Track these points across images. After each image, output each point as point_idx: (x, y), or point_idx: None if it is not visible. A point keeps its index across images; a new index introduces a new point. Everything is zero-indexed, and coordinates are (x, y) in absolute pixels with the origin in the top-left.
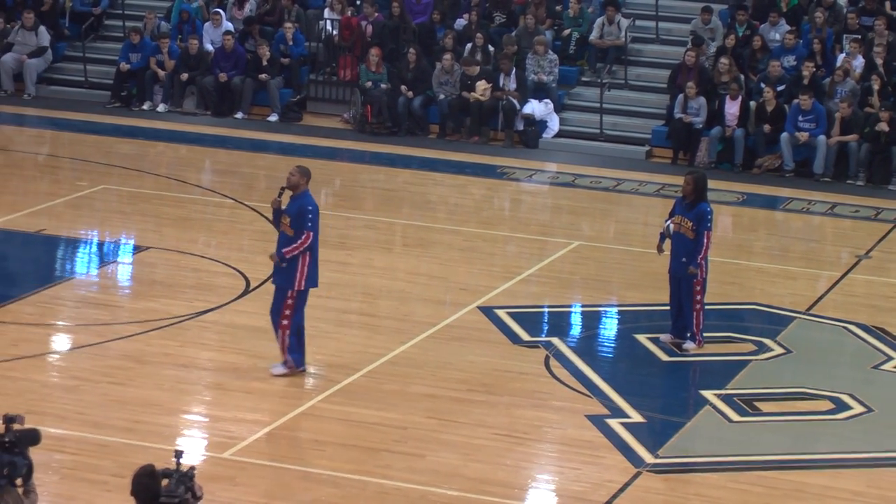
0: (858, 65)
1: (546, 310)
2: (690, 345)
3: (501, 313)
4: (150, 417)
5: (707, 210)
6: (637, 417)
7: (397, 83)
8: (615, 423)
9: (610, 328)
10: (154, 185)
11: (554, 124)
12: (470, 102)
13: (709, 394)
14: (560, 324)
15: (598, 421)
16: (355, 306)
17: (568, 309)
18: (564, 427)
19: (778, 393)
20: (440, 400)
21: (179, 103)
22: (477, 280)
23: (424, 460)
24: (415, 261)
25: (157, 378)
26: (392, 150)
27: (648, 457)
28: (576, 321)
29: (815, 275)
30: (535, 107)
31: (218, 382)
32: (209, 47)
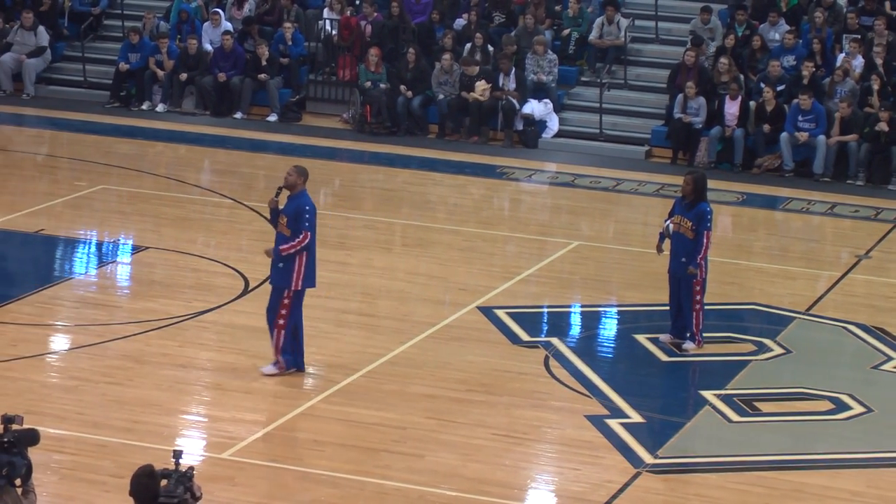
0: (858, 65)
1: (545, 310)
2: (690, 345)
3: (501, 313)
4: (149, 418)
5: (707, 210)
6: (636, 418)
7: (396, 83)
8: (615, 424)
9: (609, 328)
10: (153, 186)
11: (553, 124)
12: (469, 102)
13: (708, 394)
14: (559, 324)
15: (598, 421)
16: (354, 306)
17: (567, 309)
18: (564, 427)
19: (777, 393)
20: (439, 400)
21: (178, 103)
22: (476, 280)
23: (423, 460)
24: (414, 261)
25: (156, 378)
26: (391, 150)
27: (648, 457)
28: (575, 321)
29: (815, 275)
30: (535, 107)
31: (217, 383)
32: (208, 47)
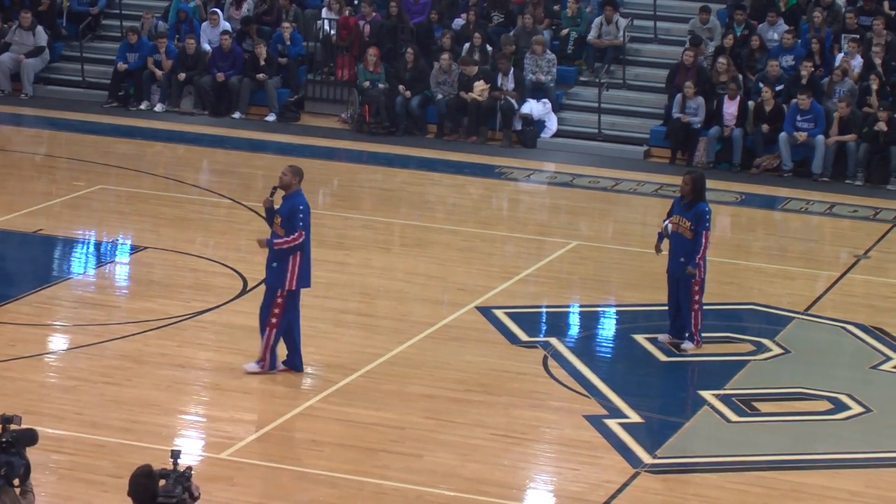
0: (857, 64)
1: (544, 310)
2: (689, 345)
3: (499, 313)
4: (148, 418)
5: (705, 210)
6: (635, 418)
7: (395, 83)
8: (613, 424)
9: (608, 328)
10: (151, 185)
11: (552, 124)
12: (468, 102)
13: (707, 394)
14: (558, 324)
15: (596, 421)
16: (353, 306)
17: (566, 309)
18: (562, 427)
19: (776, 393)
20: (438, 400)
21: (177, 103)
22: (475, 280)
23: (422, 460)
24: (413, 261)
25: (155, 378)
26: (390, 150)
27: (647, 457)
28: (574, 321)
29: (814, 275)
30: (534, 106)
31: (215, 383)
32: (206, 47)
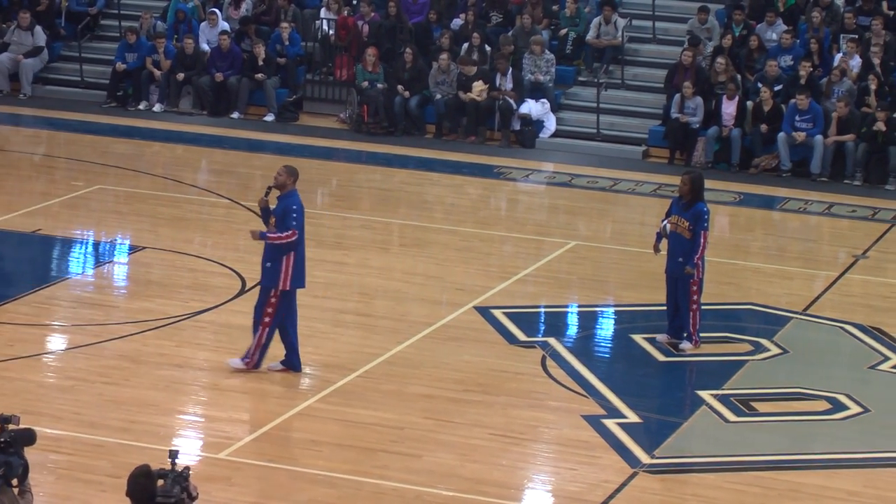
0: (855, 64)
1: (542, 310)
2: (687, 345)
3: (498, 313)
4: (146, 417)
5: (704, 210)
6: (633, 417)
7: (394, 83)
8: (611, 424)
9: (606, 328)
10: (150, 185)
11: (550, 124)
12: (466, 102)
13: (705, 394)
14: (556, 324)
15: (595, 421)
16: (352, 306)
17: (564, 309)
18: (561, 427)
19: (774, 393)
20: (436, 400)
21: (175, 103)
22: (473, 280)
23: (421, 460)
24: (411, 261)
25: (153, 378)
26: (389, 150)
27: (645, 457)
28: (572, 321)
29: (812, 275)
30: (532, 107)
31: (214, 383)
32: (205, 47)
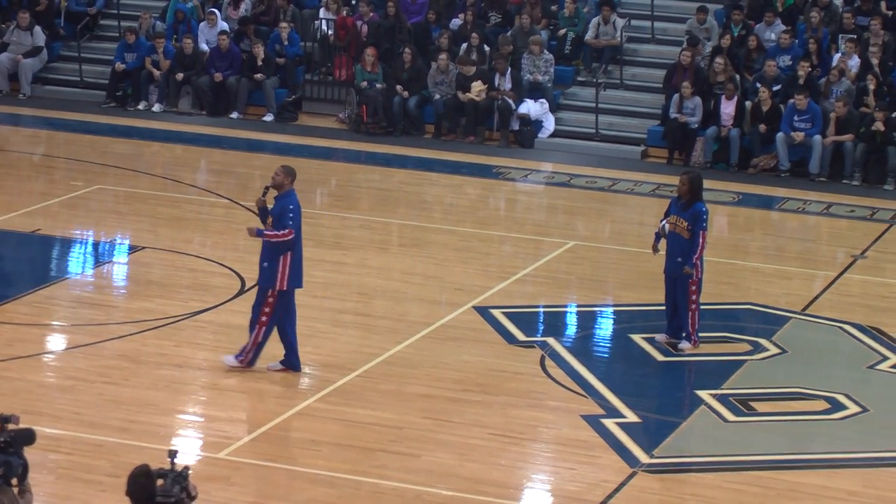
0: (854, 65)
1: (541, 310)
2: (686, 345)
3: (497, 313)
4: (146, 417)
5: (703, 210)
6: (632, 417)
7: (393, 83)
8: (610, 423)
9: (605, 328)
10: (149, 185)
11: (549, 124)
12: (465, 102)
13: (704, 394)
14: (555, 324)
15: (594, 421)
16: (351, 306)
17: (563, 309)
18: (560, 427)
19: (773, 393)
20: (435, 400)
21: (175, 103)
22: (472, 280)
23: (420, 460)
24: (410, 261)
25: (153, 378)
26: (388, 150)
27: (644, 457)
28: (571, 321)
29: (811, 275)
30: (531, 107)
31: (213, 382)
32: (204, 47)
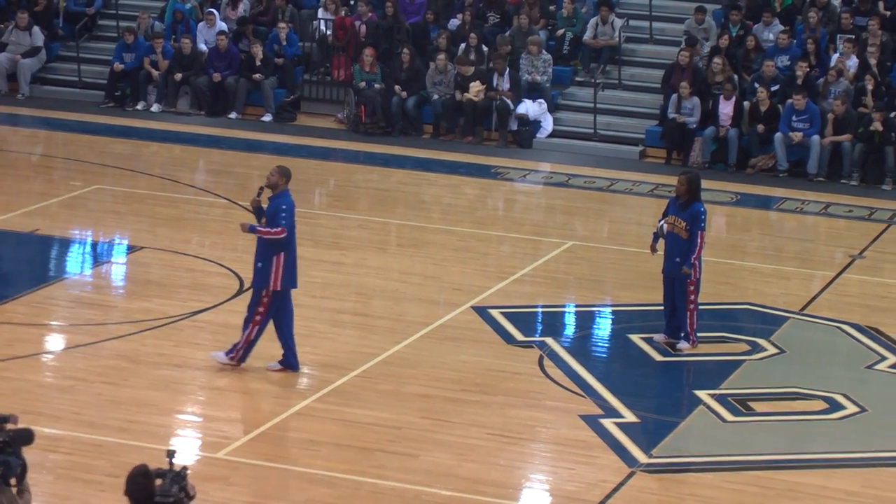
0: (852, 65)
1: (540, 310)
2: (684, 345)
3: (495, 313)
4: (145, 417)
5: (701, 210)
6: (631, 417)
7: (391, 83)
8: (609, 423)
9: (604, 328)
10: (148, 185)
11: (548, 124)
12: (464, 102)
13: (703, 394)
14: (554, 324)
15: (592, 421)
16: (349, 306)
17: (562, 309)
18: (558, 427)
19: (772, 393)
20: (434, 400)
21: (173, 103)
22: (471, 280)
23: (418, 460)
24: (409, 261)
25: (152, 378)
26: (386, 151)
27: (642, 457)
28: (570, 321)
29: (809, 275)
30: (529, 107)
31: (212, 382)
32: (203, 47)
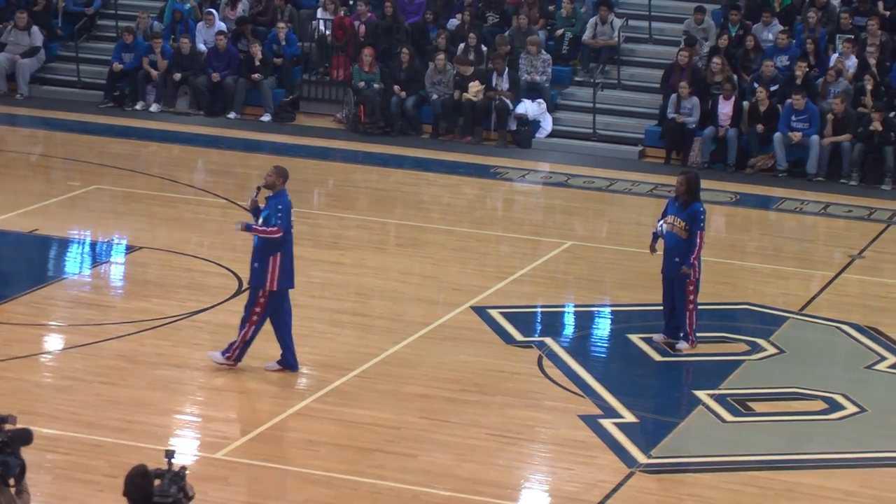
0: (851, 65)
1: (539, 310)
2: (683, 345)
3: (494, 313)
4: (143, 417)
5: (700, 210)
6: (630, 417)
7: (390, 83)
8: (608, 423)
9: (603, 328)
10: (146, 185)
11: (547, 124)
12: (463, 102)
13: (702, 394)
14: (553, 324)
15: (591, 421)
16: (348, 306)
17: (561, 309)
18: (557, 427)
19: (771, 393)
20: (433, 400)
21: (172, 103)
22: (470, 280)
23: (417, 460)
24: (408, 261)
25: (150, 378)
26: (385, 150)
27: (641, 457)
28: (569, 321)
29: (809, 275)
30: (528, 107)
31: (211, 382)
32: (202, 47)
